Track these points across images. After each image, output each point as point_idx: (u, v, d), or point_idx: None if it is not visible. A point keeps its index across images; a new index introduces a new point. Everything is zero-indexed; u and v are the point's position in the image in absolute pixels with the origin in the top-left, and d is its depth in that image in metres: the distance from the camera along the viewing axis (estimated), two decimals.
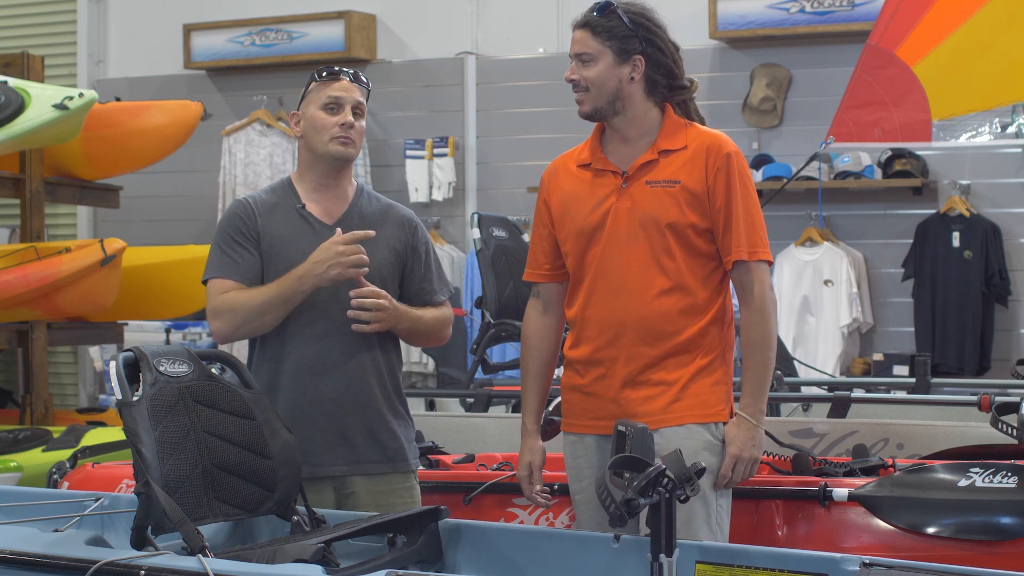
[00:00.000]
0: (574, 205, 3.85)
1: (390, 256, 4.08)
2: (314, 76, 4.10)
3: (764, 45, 8.81)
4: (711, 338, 3.78)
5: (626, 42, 3.78)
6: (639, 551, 3.23)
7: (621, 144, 3.85)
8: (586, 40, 3.81)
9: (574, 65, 3.83)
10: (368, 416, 4.02)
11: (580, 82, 3.82)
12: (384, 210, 4.15)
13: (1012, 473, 3.94)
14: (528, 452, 3.95)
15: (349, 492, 4.01)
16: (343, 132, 4.04)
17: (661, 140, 3.82)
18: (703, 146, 3.79)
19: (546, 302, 3.96)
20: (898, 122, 5.89)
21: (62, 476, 5.04)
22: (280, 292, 3.94)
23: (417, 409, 6.76)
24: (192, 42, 10.04)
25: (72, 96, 6.96)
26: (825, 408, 5.87)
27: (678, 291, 3.75)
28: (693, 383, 3.75)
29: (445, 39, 9.63)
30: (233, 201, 4.14)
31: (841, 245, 8.50)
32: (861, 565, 3.10)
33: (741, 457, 3.73)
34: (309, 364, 3.98)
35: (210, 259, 4.05)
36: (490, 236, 6.68)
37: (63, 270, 7.27)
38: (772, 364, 3.81)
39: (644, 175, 3.79)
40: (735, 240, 3.75)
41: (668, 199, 3.75)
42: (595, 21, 3.80)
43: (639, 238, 3.75)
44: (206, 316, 4.07)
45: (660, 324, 3.74)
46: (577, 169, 3.90)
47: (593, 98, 3.81)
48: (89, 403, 10.29)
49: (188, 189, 10.11)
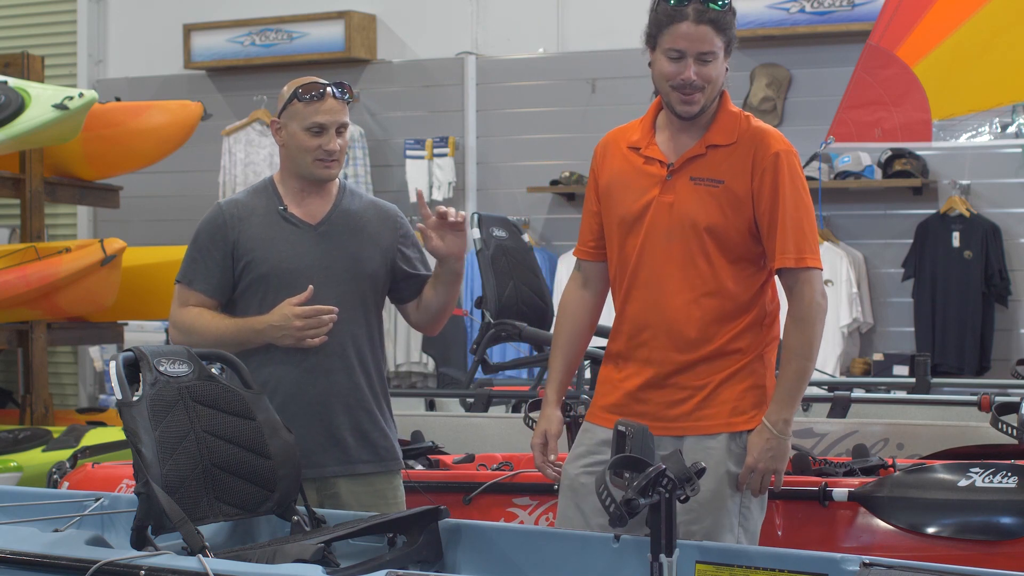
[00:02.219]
0: (619, 190, 3.69)
1: (376, 253, 4.08)
2: (298, 92, 4.00)
3: (764, 45, 8.80)
4: (747, 341, 3.63)
5: (731, 35, 3.59)
6: (639, 551, 3.23)
7: (676, 132, 3.66)
8: (711, 38, 3.53)
9: (692, 63, 3.53)
10: (358, 416, 4.03)
11: (697, 82, 3.56)
12: (367, 207, 4.14)
13: (1012, 473, 3.94)
14: (545, 420, 3.78)
15: (331, 493, 4.01)
16: (327, 157, 4.00)
17: (713, 133, 3.64)
18: (752, 144, 3.61)
19: (586, 278, 3.82)
20: (898, 122, 5.88)
21: (62, 476, 5.05)
22: (236, 335, 3.96)
23: (417, 409, 6.77)
24: (192, 42, 10.04)
25: (72, 96, 6.96)
26: (825, 408, 5.87)
27: (714, 296, 3.60)
28: (723, 388, 3.61)
29: (445, 39, 9.63)
30: (213, 206, 4.12)
31: (841, 245, 8.50)
32: (861, 565, 3.10)
33: (756, 468, 3.57)
34: (295, 365, 3.97)
35: (183, 261, 4.09)
36: (490, 236, 6.67)
37: (63, 270, 7.27)
38: (808, 375, 3.61)
39: (690, 169, 3.62)
40: (780, 246, 3.57)
41: (711, 199, 3.59)
42: (719, 17, 3.53)
43: (676, 238, 3.60)
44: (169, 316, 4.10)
45: (692, 332, 3.60)
46: (628, 150, 3.71)
47: (708, 96, 3.58)
48: (89, 403, 10.29)
49: (188, 189, 10.10)
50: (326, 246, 4.03)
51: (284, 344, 3.94)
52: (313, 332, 3.92)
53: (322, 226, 4.04)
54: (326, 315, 3.92)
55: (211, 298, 4.02)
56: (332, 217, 4.07)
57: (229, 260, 4.01)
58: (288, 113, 4.03)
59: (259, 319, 3.96)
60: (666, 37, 3.56)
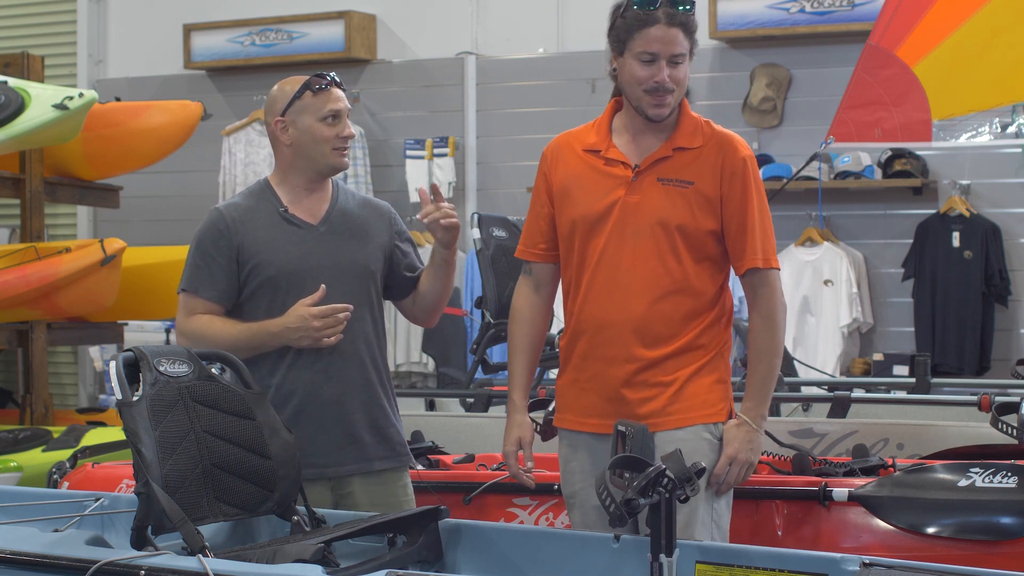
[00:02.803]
0: (578, 190, 3.76)
1: (376, 250, 4.10)
2: (309, 87, 4.02)
3: (764, 45, 8.81)
4: (710, 337, 3.74)
5: (694, 38, 3.67)
6: (639, 551, 3.23)
7: (636, 135, 3.74)
8: (682, 40, 3.62)
9: (665, 66, 3.61)
10: (374, 413, 4.04)
11: (670, 84, 3.63)
12: (362, 205, 4.16)
13: (1012, 473, 3.94)
14: (516, 428, 3.85)
15: (347, 492, 4.01)
16: (344, 144, 4.03)
17: (678, 136, 3.72)
18: (719, 148, 3.70)
19: (538, 281, 3.89)
20: (898, 122, 5.88)
21: (62, 476, 5.05)
22: (250, 339, 3.95)
23: (417, 409, 6.77)
24: (192, 42, 10.04)
25: (72, 96, 6.96)
26: (825, 408, 5.87)
27: (681, 294, 3.69)
28: (691, 382, 3.70)
29: (445, 39, 9.62)
30: (210, 211, 4.10)
31: (841, 245, 8.50)
32: (861, 565, 3.10)
33: (736, 459, 3.68)
34: (312, 368, 3.98)
35: (185, 269, 4.06)
36: (490, 236, 6.68)
37: (63, 270, 7.27)
38: (777, 371, 3.76)
39: (656, 171, 3.71)
40: (750, 247, 3.69)
41: (680, 200, 3.68)
42: (688, 19, 3.62)
43: (646, 237, 3.68)
44: (175, 326, 4.07)
45: (660, 328, 3.69)
46: (584, 153, 3.79)
47: (676, 99, 3.67)
48: (89, 403, 10.29)
49: (188, 189, 10.10)
50: (330, 245, 4.03)
51: (301, 345, 3.93)
52: (330, 331, 3.92)
53: (323, 225, 4.05)
54: (341, 314, 3.92)
55: (218, 304, 4.01)
56: (332, 216, 4.07)
57: (234, 265, 4.00)
58: (296, 109, 4.02)
59: (274, 322, 3.94)
60: (638, 41, 3.63)
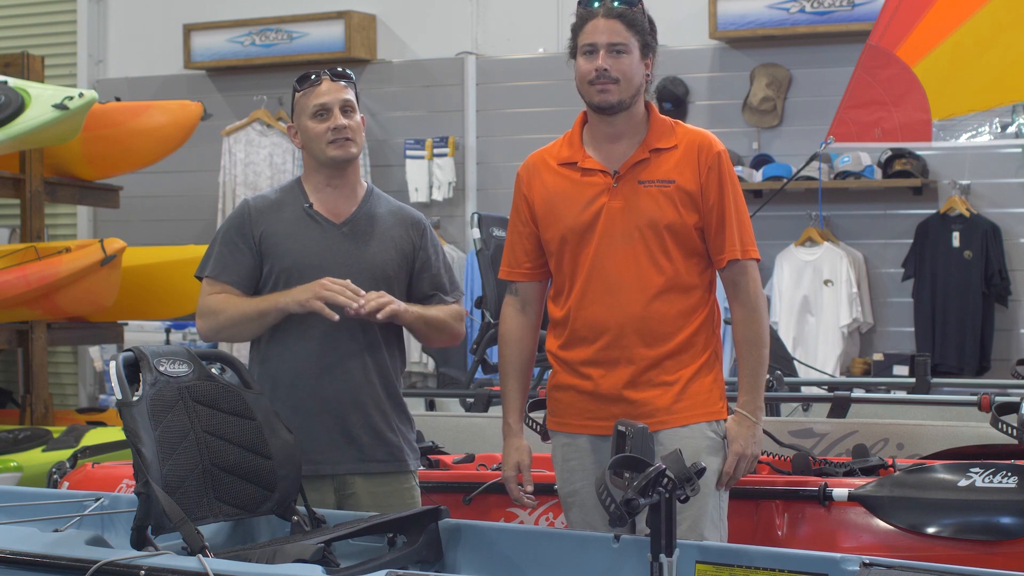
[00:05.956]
0: (561, 204, 3.82)
1: (396, 257, 4.09)
2: (295, 87, 4.07)
3: (764, 45, 8.80)
4: (705, 337, 3.79)
5: (647, 39, 3.76)
6: (639, 551, 3.23)
7: (608, 142, 3.82)
8: (620, 30, 3.72)
9: (605, 55, 3.71)
10: (372, 415, 4.03)
11: (610, 72, 3.71)
12: (393, 211, 4.16)
13: (1012, 473, 3.94)
14: (515, 452, 3.91)
15: (350, 492, 4.01)
16: (336, 135, 4.03)
17: (651, 138, 3.80)
18: (694, 145, 3.78)
19: (524, 301, 3.94)
20: (898, 122, 5.88)
21: (62, 476, 5.05)
22: (257, 305, 3.96)
23: (417, 409, 6.76)
24: (192, 42, 10.04)
25: (72, 96, 6.96)
26: (825, 408, 5.87)
27: (675, 291, 3.75)
28: (693, 382, 3.75)
29: (445, 39, 9.62)
30: (240, 202, 4.17)
31: (841, 245, 8.50)
32: (861, 565, 3.10)
33: (744, 454, 3.74)
34: (312, 363, 3.99)
35: (206, 256, 4.07)
36: (490, 236, 6.68)
37: (63, 270, 7.27)
38: (767, 360, 3.81)
39: (636, 174, 3.77)
40: (729, 239, 3.76)
41: (664, 199, 3.74)
42: (627, 13, 3.73)
43: (635, 238, 3.74)
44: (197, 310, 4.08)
45: (658, 326, 3.74)
46: (559, 167, 3.86)
47: (622, 90, 3.73)
48: (89, 403, 10.29)
49: (188, 189, 10.10)
50: (348, 246, 4.04)
51: (302, 300, 3.88)
52: (337, 296, 3.85)
53: (345, 226, 4.06)
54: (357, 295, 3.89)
55: (238, 289, 4.02)
56: (356, 218, 4.08)
57: (257, 252, 4.03)
58: (296, 113, 4.09)
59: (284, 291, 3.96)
60: (581, 38, 3.76)
